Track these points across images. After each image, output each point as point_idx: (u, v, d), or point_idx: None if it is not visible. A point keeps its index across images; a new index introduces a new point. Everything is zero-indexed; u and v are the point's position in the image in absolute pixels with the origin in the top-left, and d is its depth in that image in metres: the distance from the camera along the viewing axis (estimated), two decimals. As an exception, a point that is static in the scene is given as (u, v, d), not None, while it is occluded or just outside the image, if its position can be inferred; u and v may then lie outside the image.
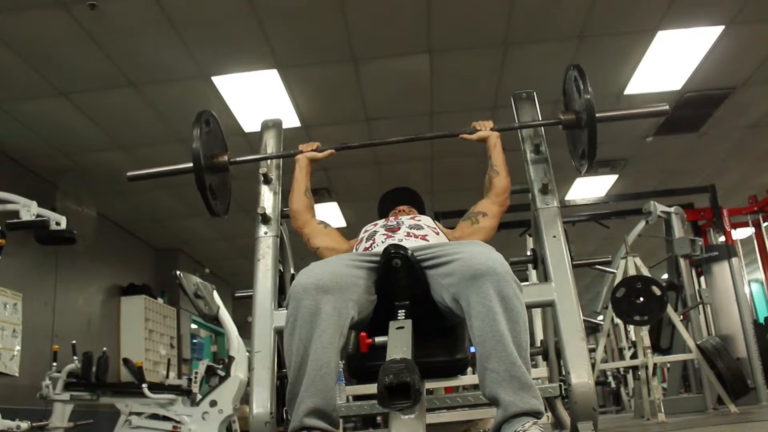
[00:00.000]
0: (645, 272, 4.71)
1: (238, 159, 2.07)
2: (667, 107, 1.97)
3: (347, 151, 2.20)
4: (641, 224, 5.67)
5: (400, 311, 1.58)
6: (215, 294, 4.84)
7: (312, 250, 2.10)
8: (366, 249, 1.90)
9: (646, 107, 1.99)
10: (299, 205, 2.12)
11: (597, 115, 1.80)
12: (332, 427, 1.45)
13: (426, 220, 2.04)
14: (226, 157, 2.04)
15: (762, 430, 3.06)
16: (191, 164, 1.88)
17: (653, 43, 4.71)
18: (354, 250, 1.99)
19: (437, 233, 1.98)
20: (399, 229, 1.93)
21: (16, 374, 5.05)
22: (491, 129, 2.05)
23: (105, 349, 4.93)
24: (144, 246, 8.23)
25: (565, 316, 1.69)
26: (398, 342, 1.42)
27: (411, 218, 2.04)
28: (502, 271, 1.46)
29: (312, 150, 2.12)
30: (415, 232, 1.91)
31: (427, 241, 1.88)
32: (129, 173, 2.07)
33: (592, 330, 6.55)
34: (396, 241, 1.86)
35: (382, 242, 1.88)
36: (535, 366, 4.33)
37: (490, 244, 1.65)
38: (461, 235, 2.04)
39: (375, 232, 1.96)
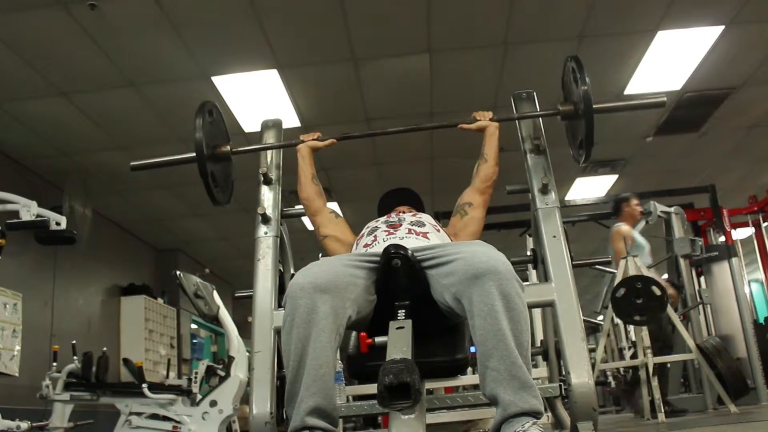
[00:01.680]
0: (645, 272, 4.71)
1: (240, 149, 2.09)
2: (665, 99, 1.99)
3: (347, 152, 2.21)
4: (641, 224, 5.67)
5: (400, 311, 1.58)
6: (215, 294, 4.84)
7: (319, 238, 2.12)
8: (366, 245, 1.89)
9: (644, 99, 2.02)
10: (309, 192, 2.15)
11: (594, 105, 1.82)
12: (333, 427, 1.45)
13: (427, 218, 2.04)
14: (228, 147, 2.06)
15: (762, 430, 3.05)
16: (194, 153, 1.91)
17: (653, 43, 4.71)
18: (355, 246, 1.99)
19: (438, 230, 1.98)
20: (400, 225, 1.94)
21: (16, 374, 5.04)
22: (490, 119, 2.09)
23: (105, 349, 4.93)
24: (144, 246, 8.23)
25: (565, 316, 1.69)
26: (398, 342, 1.42)
27: (412, 215, 2.05)
28: (504, 270, 1.46)
29: (313, 139, 2.14)
30: (417, 229, 1.92)
31: (428, 238, 1.88)
32: (132, 163, 2.09)
33: (592, 330, 6.55)
34: (397, 239, 1.87)
35: (384, 240, 1.88)
36: (535, 366, 4.33)
37: (490, 243, 1.65)
38: (455, 231, 2.07)
39: (376, 227, 1.97)
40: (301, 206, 2.21)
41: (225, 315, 4.91)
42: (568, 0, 4.22)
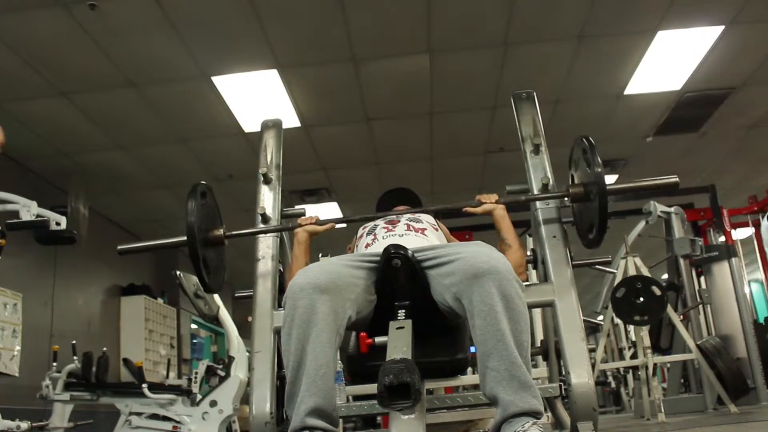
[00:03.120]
0: (645, 272, 4.71)
1: (234, 233, 1.98)
2: (677, 179, 1.82)
3: (347, 152, 2.20)
4: (641, 224, 5.67)
5: (400, 311, 1.58)
6: (215, 294, 4.84)
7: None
8: (367, 245, 1.90)
9: (656, 179, 1.86)
10: None
11: (608, 187, 1.70)
12: (333, 427, 1.45)
13: (425, 217, 2.05)
14: (221, 231, 1.95)
15: (762, 430, 3.06)
16: (185, 238, 1.80)
17: (653, 43, 4.71)
18: (355, 248, 1.99)
19: (436, 229, 1.98)
20: (398, 222, 1.94)
21: (16, 374, 5.04)
22: (496, 201, 1.97)
23: (105, 349, 4.93)
24: (144, 246, 8.21)
25: (565, 316, 1.69)
26: (398, 342, 1.42)
27: (410, 213, 2.05)
28: (504, 270, 1.46)
29: (311, 223, 2.01)
30: (415, 224, 1.92)
31: (426, 235, 1.89)
32: (119, 247, 1.97)
33: (592, 330, 6.56)
34: (396, 236, 1.87)
35: (383, 237, 1.88)
36: (535, 366, 4.33)
37: (490, 243, 1.65)
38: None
39: (375, 225, 1.97)
40: (301, 206, 2.20)
41: (225, 315, 4.92)
42: (568, 0, 4.22)
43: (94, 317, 6.78)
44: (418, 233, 1.88)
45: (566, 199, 1.89)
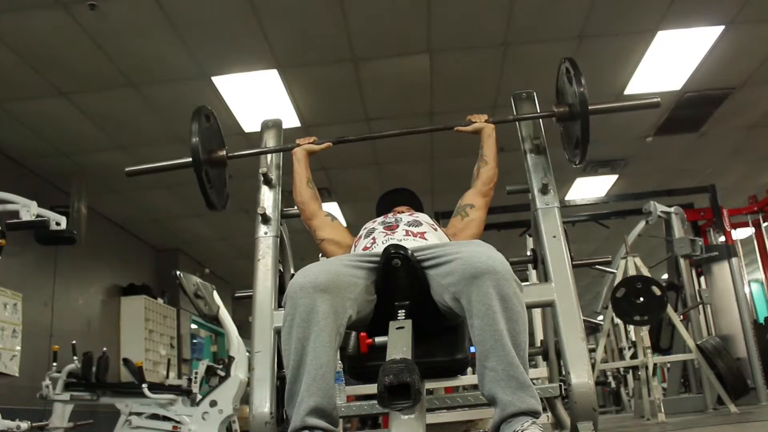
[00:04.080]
0: (645, 272, 4.71)
1: (235, 153, 2.10)
2: (659, 100, 1.99)
3: (347, 152, 2.21)
4: (641, 224, 5.67)
5: (400, 311, 1.58)
6: (215, 294, 4.84)
7: (317, 242, 2.12)
8: (366, 248, 1.90)
9: (638, 100, 2.03)
10: (304, 196, 2.14)
11: (590, 106, 1.82)
12: (333, 426, 1.45)
13: (424, 217, 2.05)
14: (224, 152, 2.07)
15: (762, 430, 3.06)
16: (190, 159, 1.91)
17: (653, 43, 4.71)
18: (353, 248, 1.99)
19: (435, 230, 1.98)
20: (397, 227, 1.94)
21: (16, 374, 5.05)
22: (486, 121, 2.11)
23: (105, 349, 4.94)
24: (144, 246, 8.23)
25: (565, 316, 1.69)
26: (398, 342, 1.42)
27: (409, 215, 2.05)
28: (503, 270, 1.46)
29: (309, 143, 2.15)
30: (414, 229, 1.92)
31: (426, 239, 1.89)
32: (127, 168, 2.08)
33: (592, 330, 6.56)
34: (395, 239, 1.87)
35: (382, 243, 1.88)
36: (535, 366, 4.33)
37: (490, 243, 1.65)
38: (454, 231, 2.07)
39: (373, 229, 1.97)
40: (300, 207, 2.20)
41: (225, 315, 4.92)
42: (568, 0, 4.22)
43: (94, 317, 6.78)
44: (417, 237, 1.88)
45: (553, 118, 2.01)
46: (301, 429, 1.40)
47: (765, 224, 6.42)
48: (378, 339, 1.53)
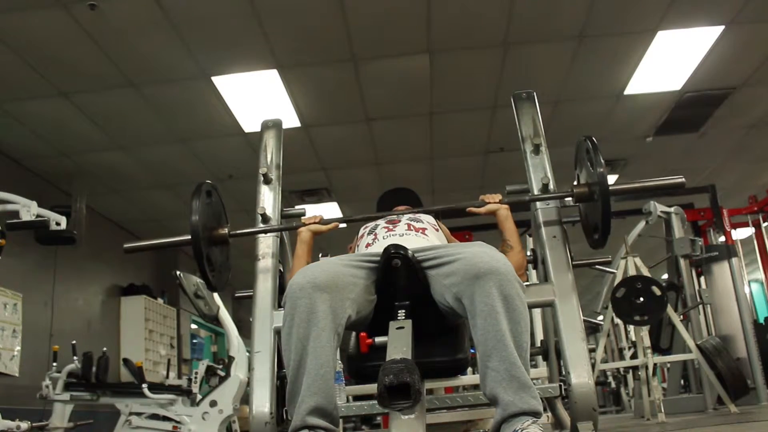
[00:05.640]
0: (645, 272, 4.71)
1: (238, 232, 1.99)
2: (683, 179, 1.83)
3: (347, 152, 2.21)
4: (641, 224, 5.67)
5: (400, 311, 1.58)
6: (215, 294, 4.84)
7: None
8: (368, 245, 1.90)
9: (661, 180, 1.87)
10: None
11: (611, 187, 1.71)
12: (333, 426, 1.45)
13: (425, 217, 2.05)
14: (226, 230, 1.97)
15: (762, 430, 3.06)
16: (189, 236, 1.81)
17: (653, 43, 4.71)
18: (356, 247, 1.99)
19: (437, 229, 1.98)
20: (399, 221, 1.94)
21: (16, 374, 5.05)
22: (500, 201, 1.97)
23: (105, 349, 4.93)
24: (144, 246, 8.21)
25: (565, 316, 1.69)
26: (398, 342, 1.42)
27: (411, 213, 2.05)
28: (505, 270, 1.47)
29: (315, 222, 2.02)
30: (415, 224, 1.92)
31: (426, 235, 1.89)
32: (126, 245, 1.98)
33: (592, 330, 6.54)
34: (396, 235, 1.87)
35: (384, 237, 1.88)
36: (535, 366, 4.33)
37: (490, 243, 1.65)
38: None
39: (376, 225, 1.97)
40: (301, 206, 2.20)
41: (225, 315, 4.92)
42: (568, 0, 4.22)
43: (94, 317, 6.78)
44: (418, 233, 1.88)
45: (571, 199, 1.89)
46: (302, 428, 1.40)
47: (765, 224, 6.42)
48: (378, 339, 1.53)
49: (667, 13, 4.39)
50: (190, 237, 1.80)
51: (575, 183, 1.92)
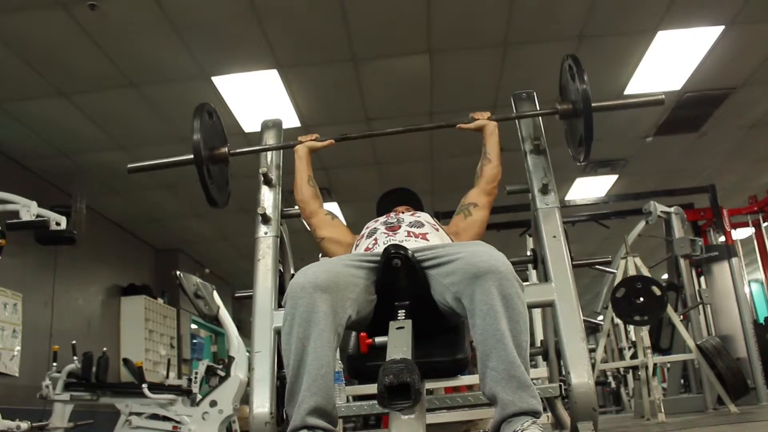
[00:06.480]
0: (645, 272, 4.71)
1: (237, 150, 2.10)
2: (663, 97, 1.99)
3: (348, 151, 2.21)
4: (641, 224, 5.67)
5: (400, 311, 1.58)
6: (215, 294, 4.84)
7: (317, 241, 2.12)
8: (367, 249, 1.89)
9: (642, 97, 2.01)
10: (304, 194, 2.14)
11: (593, 104, 1.81)
12: (332, 426, 1.45)
13: (425, 217, 2.04)
14: (226, 149, 2.07)
15: (762, 430, 3.06)
16: (192, 156, 1.91)
17: (653, 43, 4.71)
18: (354, 247, 1.99)
19: (437, 230, 1.98)
20: (399, 228, 1.93)
21: (16, 374, 5.04)
22: (488, 118, 2.08)
23: (105, 349, 4.94)
24: (144, 246, 8.23)
25: (565, 316, 1.69)
26: (398, 342, 1.42)
27: (411, 215, 2.05)
28: (505, 270, 1.47)
29: (311, 140, 2.15)
30: (416, 230, 1.91)
31: (428, 240, 1.88)
32: (129, 165, 2.07)
33: (592, 330, 6.55)
34: (397, 241, 1.86)
35: (384, 243, 1.87)
36: (535, 366, 4.33)
37: (490, 244, 1.65)
38: (456, 229, 2.06)
39: (376, 229, 1.97)
40: (301, 206, 2.20)
41: (225, 315, 4.92)
42: (568, 0, 4.22)
43: (94, 317, 6.78)
44: (419, 239, 1.88)
45: (556, 115, 2.00)
46: (302, 428, 1.40)
47: (765, 224, 6.42)
48: (378, 339, 1.53)
49: (667, 13, 4.39)
50: (192, 156, 1.90)
51: (558, 101, 2.02)
